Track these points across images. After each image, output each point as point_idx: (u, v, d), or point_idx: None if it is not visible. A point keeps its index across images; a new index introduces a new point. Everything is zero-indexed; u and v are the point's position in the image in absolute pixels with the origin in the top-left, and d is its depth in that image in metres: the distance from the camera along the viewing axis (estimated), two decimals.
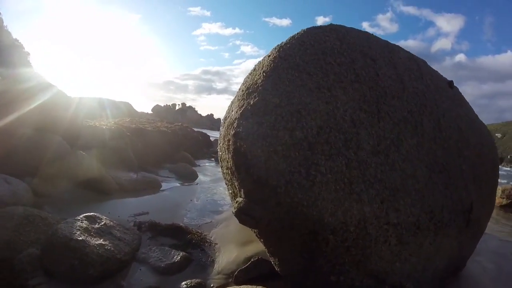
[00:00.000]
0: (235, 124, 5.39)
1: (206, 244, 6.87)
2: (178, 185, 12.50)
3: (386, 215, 4.65)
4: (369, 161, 5.19)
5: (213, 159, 19.42)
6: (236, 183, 5.71)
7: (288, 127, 5.12)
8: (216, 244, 6.97)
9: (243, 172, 4.96)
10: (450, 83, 7.66)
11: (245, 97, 5.70)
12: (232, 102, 6.44)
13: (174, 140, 15.80)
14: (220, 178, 14.38)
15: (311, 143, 5.03)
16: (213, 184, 13.30)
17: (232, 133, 5.24)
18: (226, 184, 6.75)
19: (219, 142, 6.52)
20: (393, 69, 6.58)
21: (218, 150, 6.55)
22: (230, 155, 5.43)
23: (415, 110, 6.34)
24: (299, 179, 4.62)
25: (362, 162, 5.14)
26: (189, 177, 14.10)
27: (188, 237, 6.96)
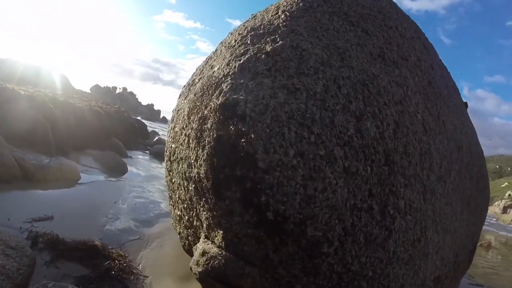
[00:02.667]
0: (224, 85, 2.95)
1: (132, 278, 4.71)
2: (102, 178, 9.90)
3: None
4: (436, 190, 3.37)
5: (147, 151, 16.45)
6: (204, 213, 3.20)
7: (349, 109, 2.83)
8: (146, 277, 4.87)
9: (239, 196, 2.94)
10: (465, 104, 6.54)
11: (248, 41, 3.26)
12: (209, 58, 4.02)
13: (106, 124, 12.68)
14: (155, 175, 11.64)
15: (389, 149, 2.97)
16: (145, 183, 10.69)
17: (219, 102, 2.78)
18: (171, 202, 4.27)
19: (171, 128, 3.75)
20: (439, 70, 4.77)
21: (169, 141, 3.99)
22: (204, 153, 2.93)
23: (459, 126, 4.55)
24: (370, 228, 2.96)
25: (432, 192, 3.24)
26: (116, 170, 11.17)
27: (106, 264, 4.69)
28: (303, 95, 2.97)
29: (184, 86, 4.52)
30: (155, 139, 19.33)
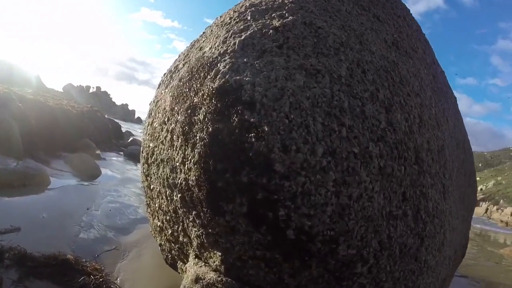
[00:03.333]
0: (221, 65, 2.02)
1: None
2: (74, 183, 8.50)
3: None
4: (449, 189, 3.17)
5: (122, 153, 15.02)
6: (195, 229, 2.35)
7: (378, 98, 2.03)
8: None
9: (247, 210, 2.11)
10: None
11: (249, 17, 2.45)
12: (195, 41, 3.20)
13: (78, 124, 11.31)
14: (130, 178, 10.45)
15: (417, 145, 2.18)
16: (120, 186, 9.31)
17: (215, 86, 1.84)
18: (149, 210, 3.40)
19: (148, 124, 2.73)
20: (438, 65, 4.17)
21: (146, 140, 3.11)
22: (195, 153, 2.02)
23: (456, 123, 4.00)
24: (406, 237, 2.35)
25: (448, 191, 2.73)
26: (89, 173, 9.82)
27: (80, 280, 3.95)
28: (326, 79, 2.17)
29: (164, 74, 3.59)
30: (129, 140, 17.83)
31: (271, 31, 2.39)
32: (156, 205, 3.27)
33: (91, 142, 11.52)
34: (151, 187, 3.27)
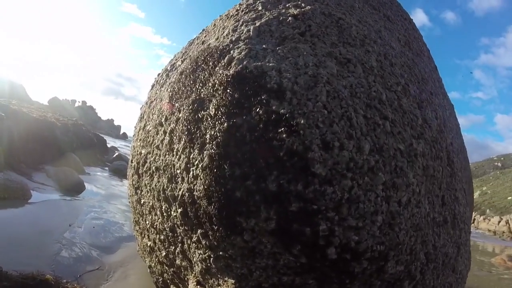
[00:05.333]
0: (235, 52, 1.41)
1: None
2: (56, 197, 7.53)
3: None
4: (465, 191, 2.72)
5: (107, 168, 13.95)
6: (199, 251, 1.86)
7: (410, 92, 1.54)
8: None
9: (275, 226, 1.50)
10: None
11: (260, 7, 1.92)
12: (195, 38, 2.70)
13: (62, 137, 10.36)
14: (115, 194, 9.56)
15: (447, 145, 1.70)
16: (105, 202, 8.49)
17: (231, 73, 1.23)
18: (137, 228, 2.83)
19: (140, 128, 2.06)
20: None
21: (137, 146, 2.55)
22: (204, 156, 1.42)
23: (456, 127, 3.68)
24: (448, 247, 1.96)
25: (466, 192, 2.42)
26: (73, 188, 8.84)
27: None
28: (358, 68, 1.72)
29: (159, 74, 3.05)
30: (114, 155, 16.75)
31: (290, 18, 1.94)
32: (147, 222, 2.67)
33: (75, 156, 10.55)
34: (142, 202, 2.68)
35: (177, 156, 1.89)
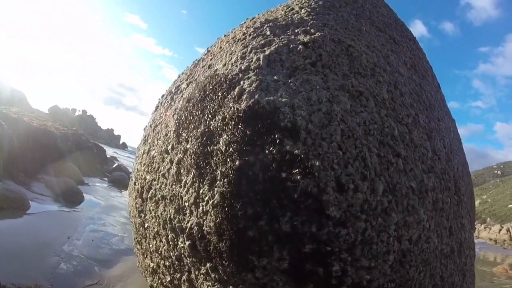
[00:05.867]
0: (246, 83, 1.40)
1: None
2: (55, 208, 7.34)
3: None
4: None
5: (106, 179, 13.71)
6: (208, 284, 1.74)
7: (419, 123, 1.58)
8: None
9: (288, 265, 1.48)
10: None
11: (268, 32, 1.89)
12: (200, 60, 2.66)
13: (62, 146, 10.24)
14: (115, 205, 9.41)
15: (455, 173, 1.71)
16: (104, 214, 8.31)
17: (242, 108, 1.22)
18: (139, 247, 2.79)
19: (143, 152, 2.03)
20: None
21: (141, 170, 2.52)
22: (215, 193, 1.44)
23: (460, 147, 3.64)
24: (454, 276, 1.95)
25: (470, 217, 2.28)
26: (71, 199, 8.70)
27: None
28: (370, 102, 1.70)
29: (163, 95, 3.01)
30: (114, 166, 16.44)
31: (300, 46, 1.91)
32: (151, 246, 2.61)
33: (74, 166, 10.41)
34: (145, 226, 2.62)
35: (185, 189, 1.85)
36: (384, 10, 3.22)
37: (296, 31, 2.14)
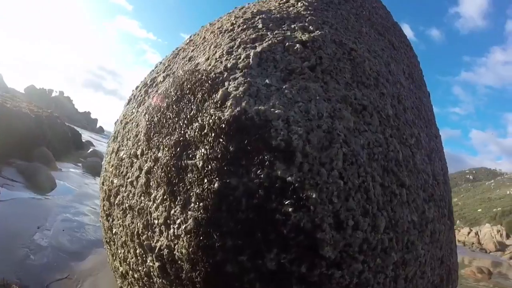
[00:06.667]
0: (231, 85, 0.98)
1: None
2: (26, 196, 6.76)
3: None
4: None
5: (80, 164, 12.98)
6: None
7: (421, 144, 1.52)
8: None
9: None
10: None
11: (260, 25, 1.57)
12: (180, 49, 2.31)
13: (35, 130, 9.58)
14: (88, 193, 8.89)
15: (449, 197, 1.61)
16: (76, 203, 7.76)
17: (225, 117, 0.91)
18: (108, 247, 2.54)
19: (112, 150, 1.68)
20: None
21: (109, 171, 2.21)
22: (188, 218, 1.40)
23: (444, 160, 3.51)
24: None
25: None
26: (43, 186, 8.10)
27: None
28: (374, 119, 1.47)
29: (137, 87, 2.67)
30: (89, 151, 15.52)
31: (297, 45, 1.64)
32: (120, 253, 2.33)
33: (48, 151, 9.74)
34: (113, 231, 2.33)
35: (155, 205, 1.57)
36: (382, 11, 2.98)
37: (292, 26, 1.86)
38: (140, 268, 1.94)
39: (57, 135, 10.83)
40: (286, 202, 1.12)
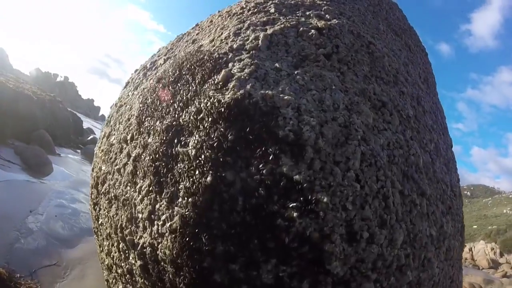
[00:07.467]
0: (235, 66, 0.89)
1: None
2: (22, 178, 6.60)
3: None
4: None
5: (79, 151, 12.73)
6: None
7: (440, 150, 1.19)
8: None
9: None
10: None
11: (272, 9, 1.31)
12: (186, 34, 2.08)
13: (36, 112, 9.37)
14: (84, 180, 8.61)
15: (463, 216, 1.38)
16: (71, 189, 7.47)
17: (226, 100, 0.96)
18: (96, 238, 2.32)
19: (104, 135, 1.43)
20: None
21: (98, 156, 1.99)
22: (174, 217, 1.07)
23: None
24: None
25: None
26: (40, 169, 7.94)
27: None
28: (395, 118, 1.26)
29: (136, 70, 2.47)
30: (89, 138, 15.27)
31: (313, 31, 1.44)
32: (105, 245, 2.14)
33: (47, 134, 9.52)
34: (99, 221, 2.14)
35: (140, 197, 1.37)
36: (399, 14, 2.79)
37: (307, 13, 1.66)
38: (123, 264, 1.75)
39: (58, 120, 10.64)
40: (291, 205, 0.92)
